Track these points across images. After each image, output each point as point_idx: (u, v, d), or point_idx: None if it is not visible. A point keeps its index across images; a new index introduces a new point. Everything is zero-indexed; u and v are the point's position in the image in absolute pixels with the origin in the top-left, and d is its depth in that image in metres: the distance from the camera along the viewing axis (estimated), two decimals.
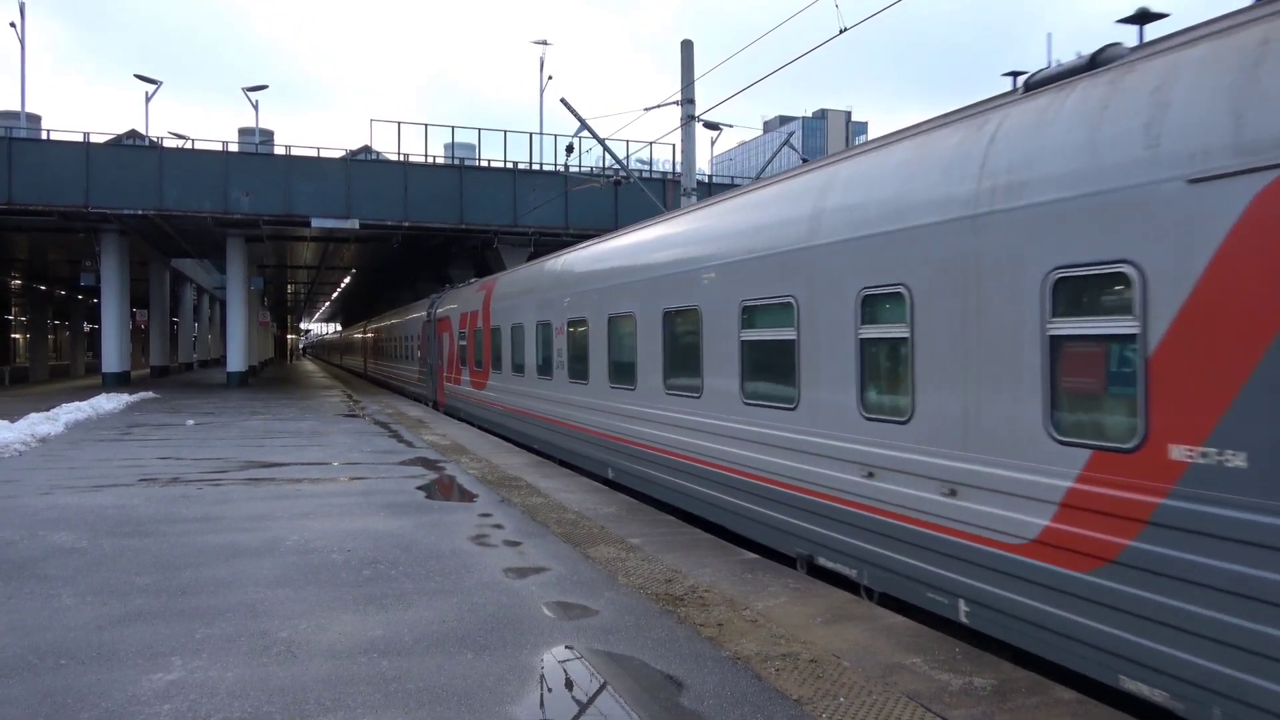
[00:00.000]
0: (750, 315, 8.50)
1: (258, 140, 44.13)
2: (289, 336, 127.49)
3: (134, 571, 7.50)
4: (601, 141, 22.41)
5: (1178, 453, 4.37)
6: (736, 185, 20.83)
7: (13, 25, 41.44)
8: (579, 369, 13.61)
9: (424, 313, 30.09)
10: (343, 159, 36.00)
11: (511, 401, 17.83)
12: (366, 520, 9.68)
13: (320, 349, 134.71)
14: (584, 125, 21.84)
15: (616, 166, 23.02)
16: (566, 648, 5.64)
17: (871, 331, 6.78)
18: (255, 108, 44.19)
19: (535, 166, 38.43)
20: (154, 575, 7.38)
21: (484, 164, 38.13)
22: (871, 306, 6.76)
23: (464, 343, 22.64)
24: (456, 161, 39.79)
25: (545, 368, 15.41)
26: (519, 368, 17.04)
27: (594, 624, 6.08)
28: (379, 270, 57.81)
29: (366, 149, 41.00)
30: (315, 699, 4.80)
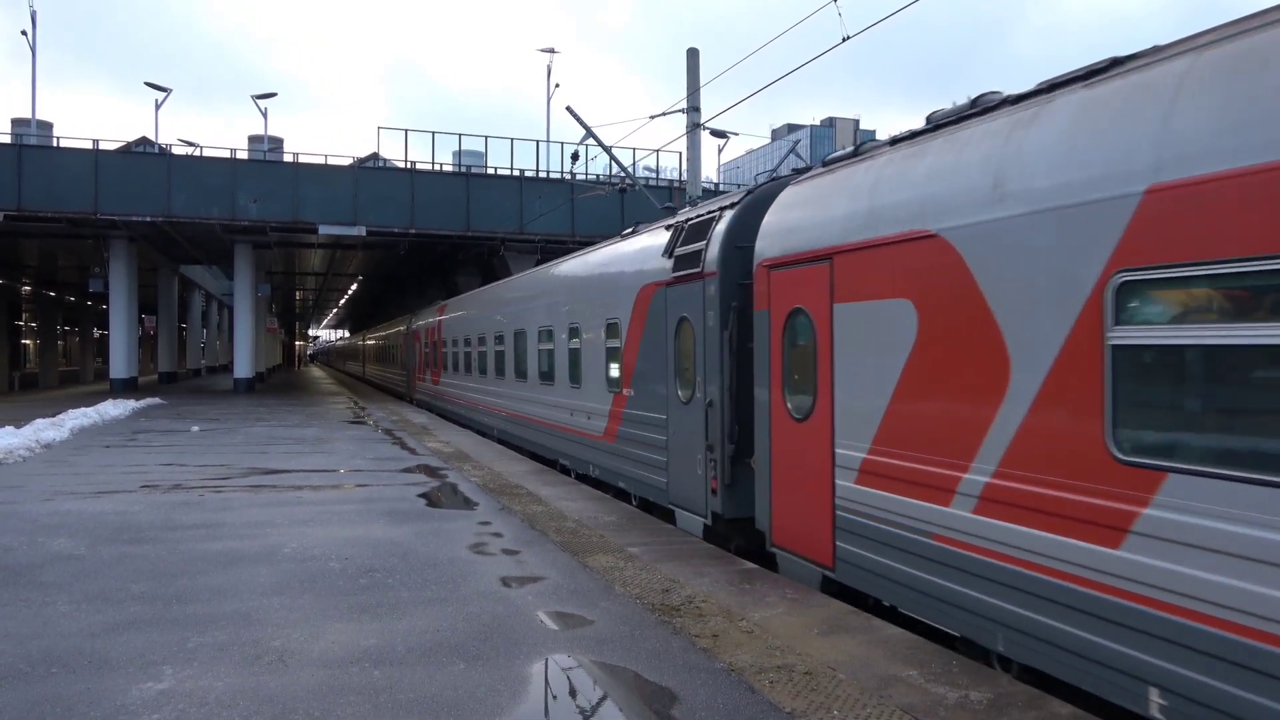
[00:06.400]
0: None
1: (266, 148, 44.40)
2: (297, 343, 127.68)
3: (130, 579, 7.49)
4: (608, 150, 22.41)
5: None
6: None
7: (24, 33, 41.78)
8: None
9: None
10: (350, 166, 36.14)
11: None
12: (366, 528, 9.65)
13: (333, 356, 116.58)
14: (589, 133, 21.86)
15: (622, 174, 23.05)
16: (560, 658, 5.60)
17: None
18: (264, 115, 44.50)
19: (541, 174, 38.53)
20: (150, 583, 7.37)
21: (490, 171, 38.26)
22: None
23: None
24: (463, 169, 39.92)
25: None
26: None
27: (589, 634, 6.04)
28: (386, 278, 57.93)
29: (374, 156, 41.17)
30: (304, 709, 4.77)
